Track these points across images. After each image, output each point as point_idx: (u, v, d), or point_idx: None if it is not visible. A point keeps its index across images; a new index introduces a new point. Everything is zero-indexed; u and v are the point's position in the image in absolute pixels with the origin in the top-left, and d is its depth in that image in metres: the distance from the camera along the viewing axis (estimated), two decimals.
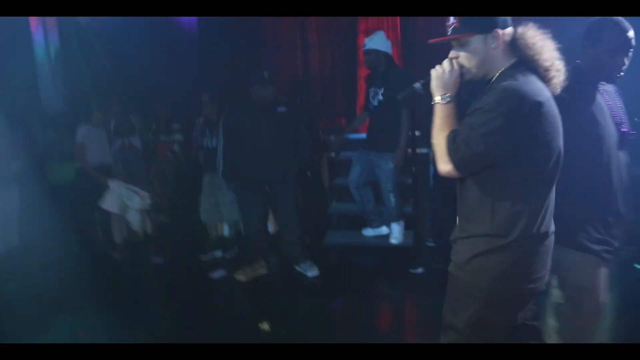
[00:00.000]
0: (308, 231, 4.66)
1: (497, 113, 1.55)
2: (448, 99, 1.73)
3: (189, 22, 6.77)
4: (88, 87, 6.53)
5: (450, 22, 1.70)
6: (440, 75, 1.74)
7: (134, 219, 5.06)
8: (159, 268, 4.89)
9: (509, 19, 1.70)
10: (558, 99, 1.68)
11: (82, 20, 6.62)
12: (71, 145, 5.07)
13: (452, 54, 1.75)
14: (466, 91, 1.84)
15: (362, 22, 6.50)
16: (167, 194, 5.93)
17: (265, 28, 6.82)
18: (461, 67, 1.72)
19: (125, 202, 4.92)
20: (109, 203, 4.91)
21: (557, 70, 1.66)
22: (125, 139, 5.38)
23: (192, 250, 5.06)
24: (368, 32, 5.77)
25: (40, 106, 6.39)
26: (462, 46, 1.70)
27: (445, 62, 1.74)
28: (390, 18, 6.34)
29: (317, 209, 5.30)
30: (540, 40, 1.67)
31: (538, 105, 1.56)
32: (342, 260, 4.76)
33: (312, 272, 4.30)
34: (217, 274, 4.45)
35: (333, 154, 5.48)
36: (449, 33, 1.71)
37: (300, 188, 4.61)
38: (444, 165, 1.68)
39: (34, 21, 6.85)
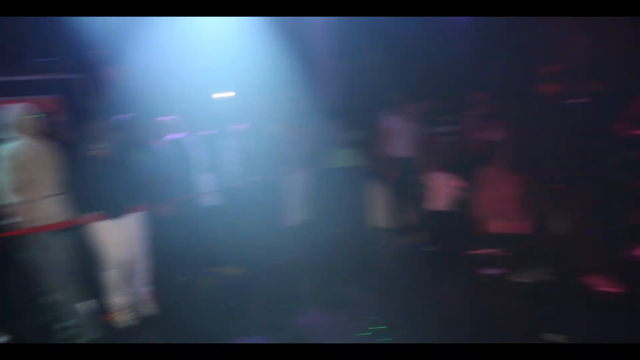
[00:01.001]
0: (604, 242, 4.04)
1: None
2: None
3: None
4: (367, 83, 6.99)
5: None
6: None
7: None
8: (430, 256, 4.95)
9: None
10: None
11: (361, 19, 7.11)
12: (347, 135, 5.55)
13: None
14: None
15: None
16: None
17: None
18: None
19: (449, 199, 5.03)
20: (436, 203, 5.03)
21: None
22: None
23: (466, 243, 4.95)
24: None
25: (321, 101, 7.14)
26: None
27: None
28: None
29: (620, 218, 4.58)
30: None
31: None
32: None
33: (605, 287, 3.73)
34: (492, 270, 4.25)
35: None
36: None
37: (599, 191, 4.02)
38: None
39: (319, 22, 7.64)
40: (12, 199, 3.31)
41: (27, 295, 3.65)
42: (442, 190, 5.03)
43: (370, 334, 3.28)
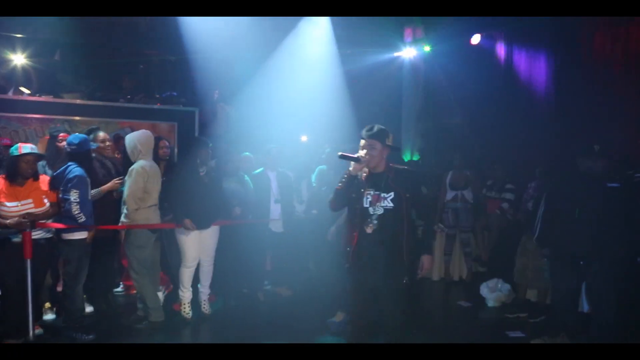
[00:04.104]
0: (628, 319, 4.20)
1: None
2: None
3: (542, 89, 6.92)
4: (440, 142, 7.54)
5: None
6: None
7: None
8: (464, 310, 5.31)
9: None
10: None
11: (441, 82, 7.74)
12: None
13: None
14: None
15: None
16: (488, 247, 6.28)
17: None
18: None
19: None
20: None
21: None
22: (459, 192, 6.04)
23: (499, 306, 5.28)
24: None
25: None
26: None
27: None
28: None
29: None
30: None
31: None
32: None
33: None
34: (515, 334, 4.53)
35: None
36: None
37: (626, 272, 4.21)
38: None
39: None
40: (130, 204, 4.29)
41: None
42: None
43: None
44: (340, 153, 3.18)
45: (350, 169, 3.12)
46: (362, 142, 3.11)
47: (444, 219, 6.15)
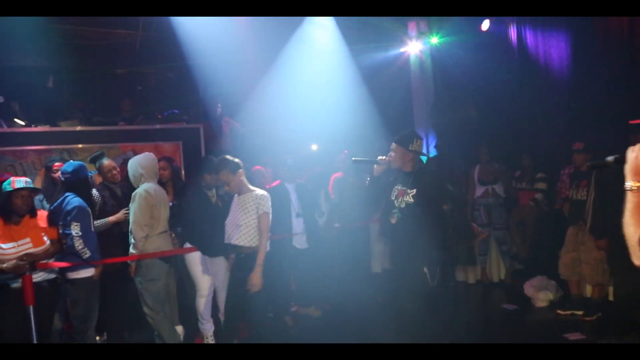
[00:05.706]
0: None
1: None
2: None
3: (560, 69, 6.49)
4: (458, 136, 7.11)
5: None
6: (638, 158, 1.52)
7: None
8: (510, 313, 4.86)
9: None
10: None
11: (452, 74, 7.37)
12: None
13: None
14: None
15: None
16: (526, 243, 5.83)
17: None
18: None
19: None
20: None
21: None
22: (490, 186, 5.62)
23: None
24: None
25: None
26: None
27: None
28: None
29: None
30: None
31: None
32: None
33: None
34: (574, 335, 4.08)
35: None
36: None
37: None
38: (637, 260, 1.47)
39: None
40: (137, 232, 3.90)
41: (133, 314, 4.26)
42: None
43: None
44: (353, 158, 3.72)
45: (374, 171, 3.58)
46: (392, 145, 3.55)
47: (476, 217, 5.71)
